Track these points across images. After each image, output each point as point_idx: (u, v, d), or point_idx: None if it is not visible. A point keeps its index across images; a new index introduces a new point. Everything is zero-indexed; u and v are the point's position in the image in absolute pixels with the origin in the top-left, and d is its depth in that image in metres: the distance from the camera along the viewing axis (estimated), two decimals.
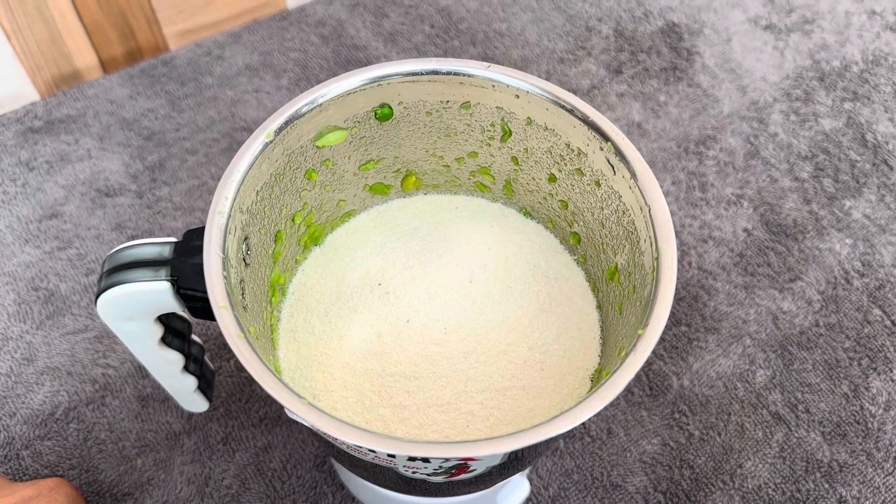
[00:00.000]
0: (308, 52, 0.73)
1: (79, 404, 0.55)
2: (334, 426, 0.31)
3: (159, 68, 0.72)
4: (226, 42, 0.74)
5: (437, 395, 0.42)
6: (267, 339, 0.41)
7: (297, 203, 0.43)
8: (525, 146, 0.44)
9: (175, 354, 0.43)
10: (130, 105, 0.69)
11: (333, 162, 0.44)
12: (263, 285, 0.41)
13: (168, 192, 0.64)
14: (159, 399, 0.55)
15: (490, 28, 0.75)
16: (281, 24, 0.75)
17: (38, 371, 0.56)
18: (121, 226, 0.63)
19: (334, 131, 0.42)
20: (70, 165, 0.66)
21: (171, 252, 0.37)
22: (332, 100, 0.40)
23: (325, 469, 0.53)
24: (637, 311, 0.37)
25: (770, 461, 0.54)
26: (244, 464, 0.53)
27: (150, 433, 0.54)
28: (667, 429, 0.55)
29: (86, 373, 0.56)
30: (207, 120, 0.69)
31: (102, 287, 0.37)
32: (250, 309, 0.39)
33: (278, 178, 0.41)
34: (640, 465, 0.54)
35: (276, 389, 0.32)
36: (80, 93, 0.70)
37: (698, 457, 0.54)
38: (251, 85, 0.71)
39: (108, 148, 0.67)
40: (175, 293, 0.37)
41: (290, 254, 0.44)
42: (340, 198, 0.46)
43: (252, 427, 0.54)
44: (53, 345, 0.57)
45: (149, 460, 0.53)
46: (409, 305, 0.44)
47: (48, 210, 0.64)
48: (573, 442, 0.54)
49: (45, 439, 0.54)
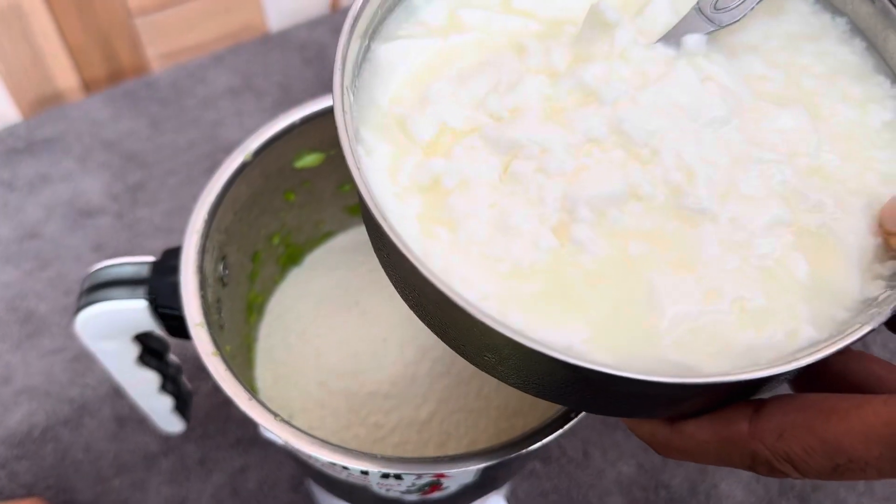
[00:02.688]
0: (290, 75, 0.74)
1: (56, 424, 0.55)
2: (307, 443, 0.32)
3: (142, 90, 0.72)
4: (208, 64, 0.74)
5: (413, 415, 0.42)
6: (243, 358, 0.41)
7: (276, 223, 0.44)
8: None
9: (152, 374, 0.43)
10: (112, 126, 0.70)
11: (312, 183, 0.44)
12: (241, 305, 0.42)
13: (148, 212, 0.65)
14: (136, 420, 0.55)
15: None
16: (264, 47, 0.76)
17: (15, 391, 0.56)
18: (101, 246, 0.63)
19: (312, 153, 0.43)
20: (51, 186, 0.66)
21: (149, 271, 0.38)
22: (310, 122, 0.41)
23: (301, 491, 0.53)
24: None
25: (745, 482, 0.54)
26: (220, 485, 0.53)
27: (127, 454, 0.54)
28: (643, 450, 0.55)
29: (63, 393, 0.56)
30: (189, 141, 0.69)
31: (81, 304, 0.38)
32: (227, 328, 0.39)
33: (256, 199, 0.41)
34: (616, 486, 0.54)
35: (250, 406, 0.32)
36: (62, 114, 0.70)
37: (674, 478, 0.54)
38: (233, 107, 0.71)
39: (90, 169, 0.67)
40: (153, 311, 0.37)
41: (267, 273, 0.45)
42: (318, 218, 0.46)
43: (229, 448, 0.54)
44: (31, 365, 0.57)
45: (125, 481, 0.53)
46: (386, 325, 0.44)
47: (28, 230, 0.64)
48: (550, 464, 0.54)
49: (21, 459, 0.54)
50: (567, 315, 0.26)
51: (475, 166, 0.28)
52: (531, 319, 0.25)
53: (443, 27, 0.33)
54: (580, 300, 0.26)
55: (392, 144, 0.30)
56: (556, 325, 0.25)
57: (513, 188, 0.28)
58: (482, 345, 0.26)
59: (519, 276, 0.26)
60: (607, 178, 0.27)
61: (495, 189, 0.28)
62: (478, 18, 0.33)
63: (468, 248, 0.27)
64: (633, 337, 0.25)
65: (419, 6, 0.33)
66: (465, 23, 0.33)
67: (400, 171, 0.29)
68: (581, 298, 0.26)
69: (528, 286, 0.26)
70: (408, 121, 0.30)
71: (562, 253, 0.27)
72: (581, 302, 0.26)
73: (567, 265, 0.27)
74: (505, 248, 0.27)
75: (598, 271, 0.26)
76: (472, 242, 0.27)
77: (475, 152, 0.29)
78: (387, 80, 0.31)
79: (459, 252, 0.27)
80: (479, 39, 0.32)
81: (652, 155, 0.28)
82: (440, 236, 0.27)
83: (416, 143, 0.29)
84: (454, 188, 0.28)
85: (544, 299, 0.26)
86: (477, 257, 0.27)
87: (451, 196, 0.28)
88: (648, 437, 0.28)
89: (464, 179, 0.28)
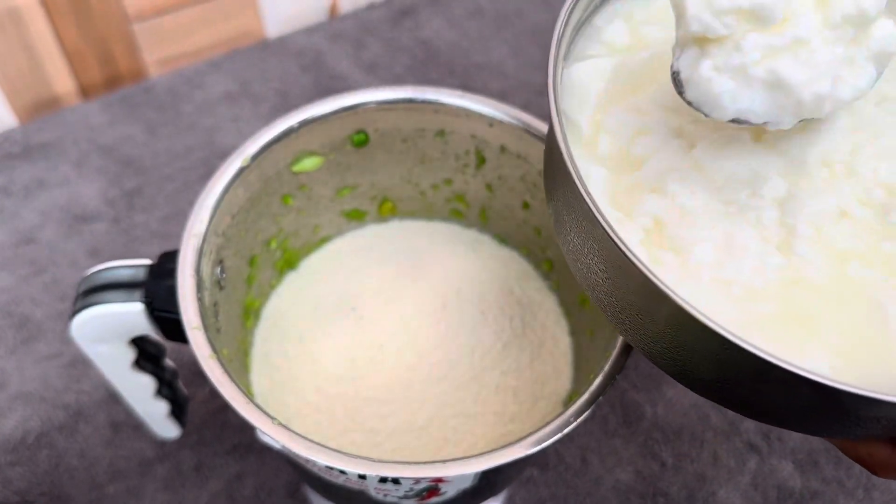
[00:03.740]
0: (288, 81, 0.74)
1: (51, 430, 0.54)
2: (304, 446, 0.31)
3: (139, 95, 0.72)
4: (206, 70, 0.74)
5: (410, 420, 0.42)
6: (240, 363, 0.41)
7: (273, 227, 0.44)
8: (499, 173, 0.44)
9: (148, 378, 0.42)
10: (109, 131, 0.70)
11: (309, 187, 0.44)
12: (238, 309, 0.42)
13: (145, 218, 0.64)
14: (132, 426, 0.55)
15: (469, 60, 0.76)
16: (261, 53, 0.76)
17: (10, 397, 0.56)
18: (96, 251, 0.63)
19: (310, 157, 0.43)
20: (47, 191, 0.66)
21: (145, 274, 0.38)
22: (308, 126, 0.41)
23: (298, 497, 0.53)
24: (607, 336, 0.38)
25: (743, 489, 0.54)
26: (216, 492, 0.53)
27: (122, 460, 0.54)
28: (641, 458, 0.55)
29: (58, 399, 0.56)
30: (186, 147, 0.69)
31: (77, 308, 0.37)
32: (224, 332, 0.39)
33: (254, 203, 0.41)
34: (614, 493, 0.54)
35: (248, 410, 0.32)
36: (58, 119, 0.70)
37: (672, 485, 0.54)
38: (230, 113, 0.71)
39: (86, 174, 0.67)
40: (149, 315, 0.37)
41: (264, 278, 0.45)
42: (316, 223, 0.46)
43: (225, 454, 0.54)
44: (26, 370, 0.57)
45: (120, 488, 0.53)
46: (383, 330, 0.44)
47: (24, 235, 0.63)
48: (548, 471, 0.54)
49: (15, 465, 0.53)
50: (809, 341, 0.26)
51: (692, 197, 0.29)
52: (772, 344, 0.25)
53: (627, 45, 0.34)
54: (817, 323, 0.26)
55: (605, 168, 0.30)
56: (800, 351, 0.25)
57: (730, 211, 0.28)
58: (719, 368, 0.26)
59: (753, 299, 0.27)
60: (819, 196, 0.28)
61: (715, 215, 0.28)
62: (658, 34, 0.34)
63: (698, 272, 0.27)
64: (877, 361, 0.25)
65: (601, 27, 0.34)
66: (647, 40, 0.34)
67: (618, 197, 0.30)
68: (817, 321, 0.26)
69: (762, 308, 0.27)
70: (616, 144, 0.30)
71: (789, 270, 0.27)
72: (818, 325, 0.26)
73: (796, 284, 0.27)
74: (735, 269, 0.27)
75: (826, 290, 0.27)
76: (701, 266, 0.28)
77: (689, 183, 0.29)
78: (583, 101, 0.32)
79: (690, 278, 0.27)
80: (663, 56, 0.33)
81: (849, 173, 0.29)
82: (668, 262, 0.28)
83: (629, 166, 0.30)
84: (676, 219, 0.29)
85: (781, 322, 0.26)
86: (709, 282, 0.27)
87: (673, 226, 0.28)
88: (865, 457, 0.28)
89: (683, 210, 0.29)
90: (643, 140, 0.31)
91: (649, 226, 0.29)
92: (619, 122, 0.31)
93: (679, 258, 0.28)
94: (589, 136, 0.31)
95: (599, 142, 0.31)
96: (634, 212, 0.29)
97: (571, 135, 0.31)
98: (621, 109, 0.32)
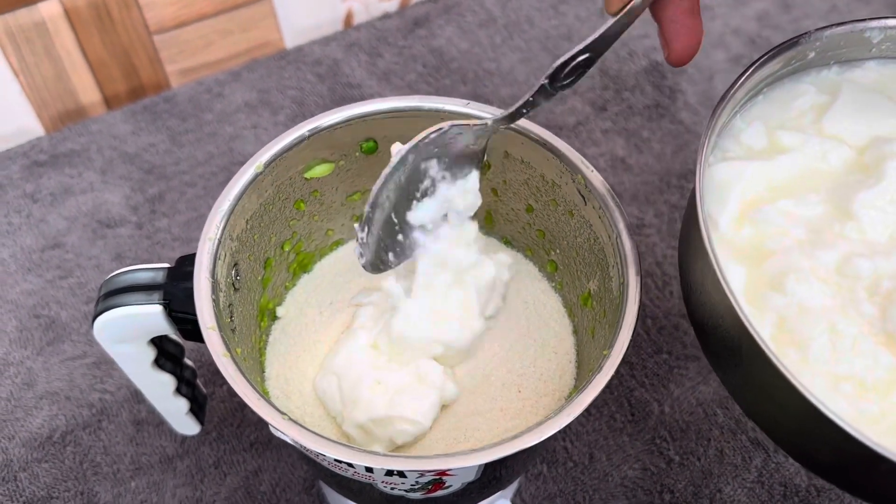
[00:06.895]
0: (304, 89, 0.76)
1: (76, 428, 0.57)
2: (313, 440, 0.33)
3: (161, 105, 0.75)
4: (226, 80, 0.76)
5: None
6: (255, 361, 0.43)
7: (287, 231, 0.45)
8: (504, 178, 0.46)
9: (167, 377, 0.44)
10: (132, 140, 0.72)
11: (321, 193, 0.46)
12: (252, 310, 0.43)
13: (167, 223, 0.67)
14: (154, 423, 0.57)
15: (480, 67, 0.78)
16: (279, 63, 0.78)
17: (37, 395, 0.58)
18: (120, 256, 0.65)
19: (322, 163, 0.44)
20: (73, 198, 0.68)
21: (164, 277, 0.39)
22: (319, 134, 0.43)
23: (313, 493, 0.54)
24: (606, 335, 0.39)
25: (749, 486, 0.55)
26: (235, 487, 0.54)
27: (145, 456, 0.56)
28: (647, 454, 0.56)
29: (83, 397, 0.58)
30: (206, 154, 0.71)
31: (99, 310, 0.39)
32: (238, 332, 0.40)
33: (268, 208, 0.43)
34: (621, 489, 0.55)
35: (259, 405, 0.34)
36: (84, 128, 0.72)
37: (678, 482, 0.55)
38: (249, 121, 0.73)
39: (110, 181, 0.69)
40: (167, 316, 0.39)
41: (279, 280, 0.46)
42: (328, 227, 0.48)
43: (243, 451, 0.56)
44: (53, 370, 0.59)
45: (143, 483, 0.55)
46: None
47: (51, 240, 0.66)
48: (556, 467, 0.56)
49: (42, 462, 0.55)
50: None
51: (811, 294, 0.31)
52: (884, 440, 0.26)
53: (765, 149, 0.36)
54: None
55: (743, 265, 0.33)
56: None
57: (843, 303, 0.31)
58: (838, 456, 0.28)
59: (864, 397, 0.29)
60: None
61: (828, 311, 0.31)
62: (795, 140, 0.36)
63: (815, 367, 0.30)
64: None
65: (741, 129, 0.37)
66: (784, 144, 0.36)
67: (756, 293, 0.32)
68: None
69: (873, 407, 0.29)
70: (752, 241, 0.33)
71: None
72: None
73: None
74: (848, 366, 0.30)
75: None
76: (819, 362, 0.30)
77: (810, 282, 0.32)
78: (723, 201, 0.34)
79: (809, 372, 0.30)
80: (801, 162, 0.35)
81: None
82: (790, 356, 0.30)
83: (763, 272, 0.32)
84: (796, 314, 0.31)
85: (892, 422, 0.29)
86: (824, 376, 0.30)
87: (793, 320, 0.31)
88: None
89: (803, 307, 0.31)
90: (777, 239, 0.33)
91: (778, 322, 0.31)
92: (757, 221, 0.34)
93: (801, 354, 0.30)
94: (731, 234, 0.34)
95: (736, 239, 0.34)
96: (768, 309, 0.32)
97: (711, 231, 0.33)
98: (758, 210, 0.34)
